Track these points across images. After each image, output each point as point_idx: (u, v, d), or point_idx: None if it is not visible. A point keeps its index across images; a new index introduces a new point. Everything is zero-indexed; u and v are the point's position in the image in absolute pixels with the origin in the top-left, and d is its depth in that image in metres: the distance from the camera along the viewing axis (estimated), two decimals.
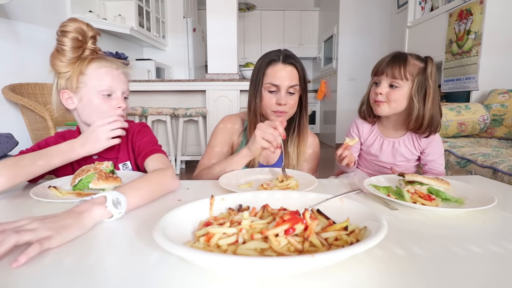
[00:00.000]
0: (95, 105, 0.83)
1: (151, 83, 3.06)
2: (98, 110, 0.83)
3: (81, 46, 0.81)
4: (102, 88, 0.82)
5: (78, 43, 0.80)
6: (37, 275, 0.37)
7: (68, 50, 0.79)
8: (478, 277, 0.37)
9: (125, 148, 0.92)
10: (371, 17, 4.60)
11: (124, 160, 0.92)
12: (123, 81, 0.86)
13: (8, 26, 2.22)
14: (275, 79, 0.95)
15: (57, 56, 0.80)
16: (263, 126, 0.84)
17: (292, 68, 0.96)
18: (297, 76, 0.97)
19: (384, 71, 0.99)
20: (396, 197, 0.64)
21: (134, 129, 0.93)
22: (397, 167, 1.11)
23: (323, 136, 5.60)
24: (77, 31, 0.79)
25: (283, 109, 0.96)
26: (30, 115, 2.10)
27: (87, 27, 0.81)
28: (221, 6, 3.23)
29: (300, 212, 0.45)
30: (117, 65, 0.86)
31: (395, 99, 0.99)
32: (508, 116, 2.15)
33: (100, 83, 0.82)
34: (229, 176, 0.84)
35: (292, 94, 0.97)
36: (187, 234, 0.45)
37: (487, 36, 2.40)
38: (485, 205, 0.57)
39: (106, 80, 0.82)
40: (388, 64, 0.99)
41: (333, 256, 0.34)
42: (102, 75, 0.82)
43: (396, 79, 0.98)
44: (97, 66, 0.83)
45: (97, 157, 0.88)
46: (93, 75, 0.82)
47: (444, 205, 0.63)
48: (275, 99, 0.96)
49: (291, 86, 0.95)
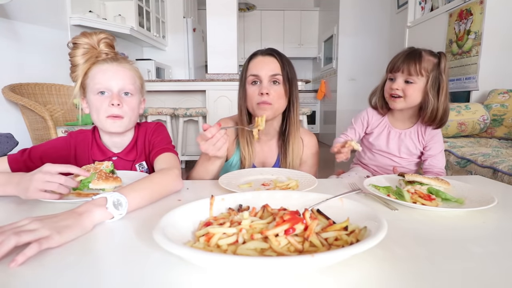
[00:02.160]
0: (91, 104, 0.84)
1: (151, 83, 3.06)
2: (93, 108, 0.84)
3: (89, 52, 0.83)
4: (95, 86, 0.82)
5: (86, 51, 0.83)
6: (37, 275, 0.37)
7: (78, 60, 0.83)
8: (478, 277, 0.37)
9: (142, 149, 0.93)
10: (371, 17, 4.59)
11: (141, 160, 0.93)
12: (121, 77, 0.84)
13: (8, 26, 2.22)
14: (255, 70, 0.96)
15: (71, 68, 0.84)
16: (198, 138, 0.84)
17: (273, 58, 0.97)
18: (279, 66, 0.96)
19: (400, 68, 1.03)
20: (396, 197, 0.64)
21: (150, 129, 0.94)
22: (400, 160, 1.14)
23: (323, 136, 5.60)
24: (86, 46, 0.83)
25: (266, 99, 0.94)
26: (30, 115, 2.10)
27: (95, 37, 0.84)
28: (221, 6, 3.23)
29: (300, 212, 0.45)
30: (118, 63, 0.85)
31: (411, 94, 1.03)
32: (508, 116, 2.15)
33: (94, 81, 0.82)
34: (229, 176, 0.84)
35: (275, 84, 0.96)
36: (187, 234, 0.45)
37: (487, 36, 2.40)
38: (485, 205, 0.57)
39: (98, 77, 0.82)
40: (404, 61, 1.02)
41: (332, 256, 0.34)
42: (97, 74, 0.83)
43: (411, 76, 1.02)
44: (97, 67, 0.83)
45: (116, 158, 0.90)
46: (91, 76, 0.83)
47: (444, 205, 0.63)
48: (258, 90, 0.95)
49: (272, 75, 0.95)
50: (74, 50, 0.83)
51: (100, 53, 0.85)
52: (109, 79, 0.83)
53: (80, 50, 0.82)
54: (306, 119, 3.01)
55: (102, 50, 0.85)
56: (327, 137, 5.40)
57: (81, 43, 0.82)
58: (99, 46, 0.85)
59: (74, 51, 0.83)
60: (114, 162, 0.87)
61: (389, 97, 1.09)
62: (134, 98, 0.87)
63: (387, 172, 1.15)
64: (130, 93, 0.86)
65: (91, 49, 0.84)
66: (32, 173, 0.61)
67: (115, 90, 0.83)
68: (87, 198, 0.54)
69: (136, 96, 0.88)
